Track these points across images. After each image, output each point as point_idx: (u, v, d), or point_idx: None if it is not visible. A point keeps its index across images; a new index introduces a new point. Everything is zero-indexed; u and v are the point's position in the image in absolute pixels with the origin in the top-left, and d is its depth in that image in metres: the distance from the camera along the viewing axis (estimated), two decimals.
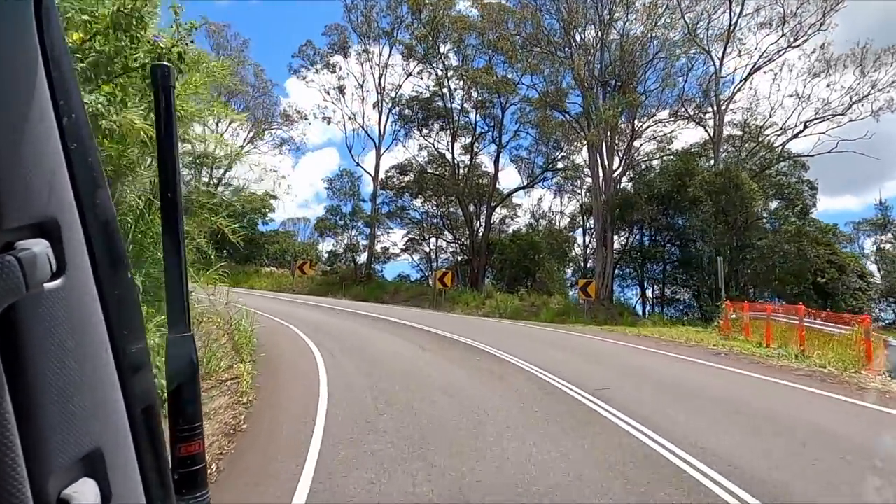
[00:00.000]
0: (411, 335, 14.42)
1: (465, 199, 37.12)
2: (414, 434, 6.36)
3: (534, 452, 5.80)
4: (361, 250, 36.41)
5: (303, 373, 9.86)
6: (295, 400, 8.03)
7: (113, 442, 0.70)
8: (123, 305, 0.75)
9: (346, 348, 12.25)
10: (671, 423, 6.94)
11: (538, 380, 9.45)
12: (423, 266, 49.17)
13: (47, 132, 0.63)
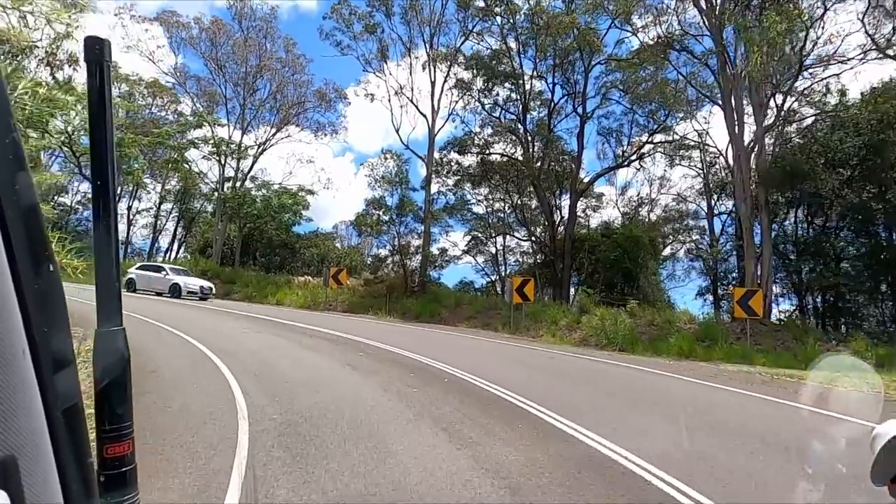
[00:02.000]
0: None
1: (543, 185, 29.13)
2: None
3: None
4: (413, 253, 29.03)
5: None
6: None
7: (29, 448, 0.65)
8: (46, 300, 0.70)
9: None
10: None
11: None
12: (489, 269, 41.72)
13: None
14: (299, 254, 37.29)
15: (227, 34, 34.72)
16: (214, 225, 36.63)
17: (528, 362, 12.61)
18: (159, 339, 11.79)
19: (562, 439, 6.13)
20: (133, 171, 36.26)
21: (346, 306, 26.68)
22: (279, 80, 35.36)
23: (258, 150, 36.06)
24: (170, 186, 43.70)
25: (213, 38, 34.55)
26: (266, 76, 35.50)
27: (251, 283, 30.87)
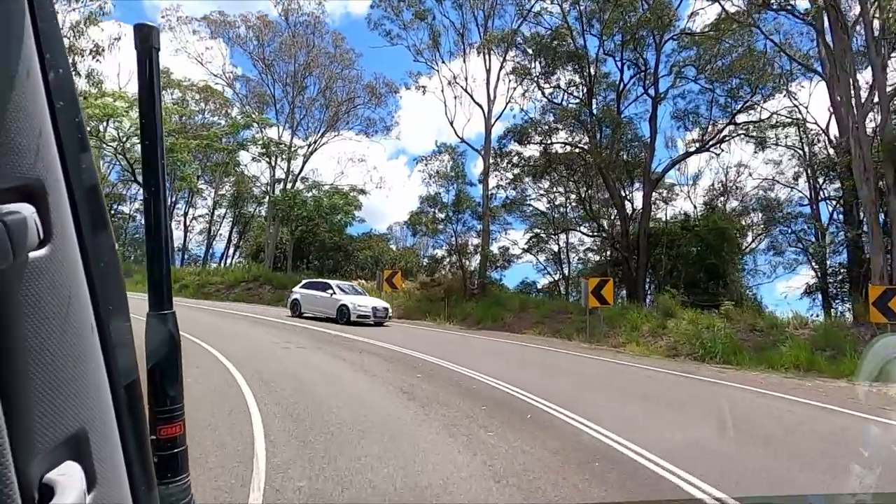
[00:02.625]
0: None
1: (612, 175, 26.44)
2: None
3: None
4: (471, 252, 26.94)
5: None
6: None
7: (98, 423, 0.66)
8: (108, 278, 0.71)
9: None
10: None
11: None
12: (551, 268, 39.13)
13: (34, 88, 0.58)
14: (353, 256, 35.86)
15: (273, 31, 33.73)
16: (266, 228, 35.73)
17: (631, 388, 10.26)
18: (183, 356, 10.19)
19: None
20: (186, 176, 35.88)
21: (402, 311, 24.88)
22: (328, 76, 34.05)
23: (308, 150, 34.94)
24: (224, 191, 43.43)
25: (260, 37, 33.62)
26: (315, 73, 34.28)
27: None
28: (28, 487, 0.54)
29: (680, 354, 16.08)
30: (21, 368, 0.56)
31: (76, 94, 0.67)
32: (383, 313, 19.73)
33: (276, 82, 35.23)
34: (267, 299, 29.39)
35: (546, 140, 26.78)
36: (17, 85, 0.55)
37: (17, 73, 0.55)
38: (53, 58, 0.63)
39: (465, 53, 29.49)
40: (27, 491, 0.54)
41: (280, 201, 32.93)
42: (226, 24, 33.50)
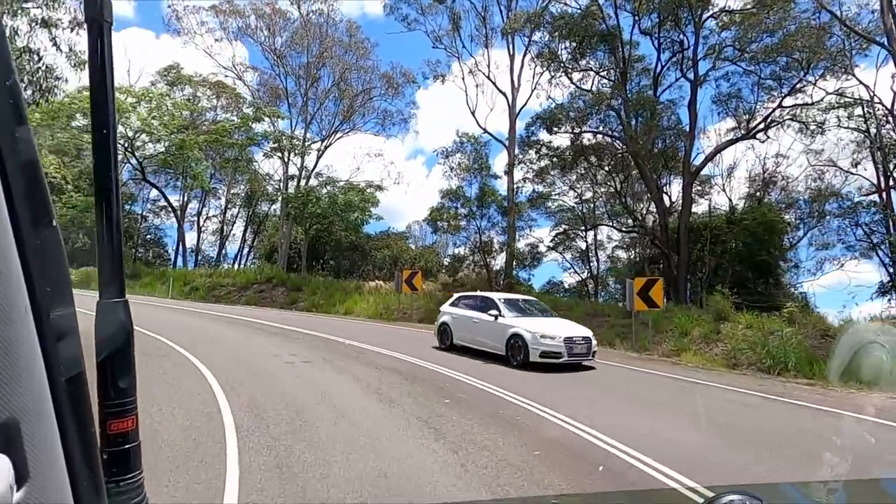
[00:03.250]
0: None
1: (648, 165, 24.31)
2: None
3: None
4: (496, 250, 25.01)
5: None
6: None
7: (32, 414, 0.62)
8: (47, 259, 0.66)
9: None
10: None
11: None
12: (579, 266, 37.07)
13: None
14: (370, 256, 34.14)
15: (284, 19, 32.15)
16: (279, 227, 34.18)
17: (739, 424, 8.30)
18: (165, 380, 8.43)
19: None
20: (197, 174, 34.49)
21: (423, 314, 23.05)
22: (342, 66, 32.35)
23: (322, 145, 33.30)
24: (237, 190, 42.06)
25: (271, 26, 32.05)
26: (328, 64, 32.60)
27: (319, 289, 27.95)
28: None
29: (740, 364, 14.05)
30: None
31: (11, 60, 0.61)
32: (584, 348, 11.81)
33: (288, 75, 33.69)
34: (280, 302, 27.82)
35: (577, 127, 24.66)
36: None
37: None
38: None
39: (488, 38, 27.68)
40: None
41: (293, 198, 31.34)
42: (235, 13, 32.00)
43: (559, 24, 23.94)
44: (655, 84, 25.25)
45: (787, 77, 24.15)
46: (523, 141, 25.00)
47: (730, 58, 24.98)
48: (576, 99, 26.15)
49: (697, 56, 24.78)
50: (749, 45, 24.12)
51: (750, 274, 22.99)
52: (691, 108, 24.71)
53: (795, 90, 24.08)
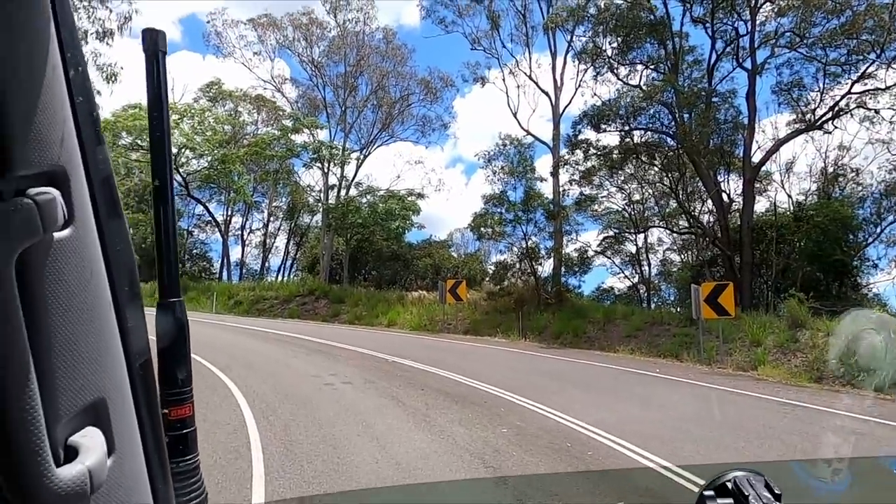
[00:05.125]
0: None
1: (703, 161, 22.77)
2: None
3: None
4: (544, 256, 23.87)
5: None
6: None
7: (115, 394, 0.69)
8: (122, 262, 0.75)
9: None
10: None
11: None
12: (629, 271, 35.49)
13: (59, 84, 0.63)
14: (411, 265, 33.41)
15: (320, 27, 31.93)
16: (320, 239, 33.88)
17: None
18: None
19: None
20: (240, 188, 34.61)
21: (468, 325, 22.15)
22: (380, 74, 31.88)
23: (362, 154, 32.88)
24: (279, 203, 42.14)
25: (308, 37, 31.88)
26: (366, 72, 32.20)
27: (361, 300, 27.37)
28: (55, 447, 0.58)
29: (824, 377, 12.57)
30: (47, 337, 0.59)
31: (92, 90, 0.72)
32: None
33: (326, 85, 33.47)
34: (323, 314, 27.36)
35: (626, 125, 23.33)
36: (45, 83, 0.60)
37: (43, 72, 0.60)
38: (73, 57, 0.67)
39: (528, 37, 26.71)
40: (54, 450, 0.58)
41: (334, 209, 30.96)
42: (273, 25, 31.98)
43: (604, 17, 22.75)
44: (710, 75, 23.75)
45: (854, 62, 22.28)
46: (569, 141, 23.81)
47: (789, 44, 23.26)
48: (623, 95, 24.85)
49: (754, 43, 23.18)
50: (810, 30, 22.40)
51: (822, 275, 21.14)
52: (750, 99, 23.05)
53: (865, 75, 22.18)
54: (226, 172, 33.57)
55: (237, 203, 38.68)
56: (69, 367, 0.62)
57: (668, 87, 22.57)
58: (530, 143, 24.75)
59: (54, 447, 0.58)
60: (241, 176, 34.37)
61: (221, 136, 34.34)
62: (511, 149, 22.84)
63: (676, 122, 23.15)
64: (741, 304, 20.43)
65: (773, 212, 24.62)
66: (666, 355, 15.36)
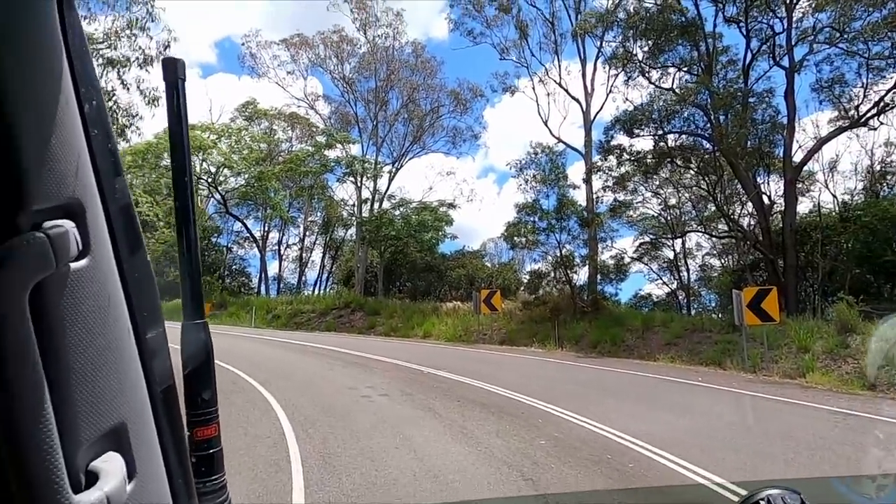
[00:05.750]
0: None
1: (741, 163, 22.21)
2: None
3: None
4: (579, 264, 23.61)
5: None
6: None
7: (136, 419, 0.71)
8: (143, 288, 0.77)
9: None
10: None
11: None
12: (667, 277, 34.77)
13: (72, 118, 0.65)
14: (445, 276, 33.45)
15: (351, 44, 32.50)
16: (355, 252, 34.28)
17: None
18: (235, 420, 7.87)
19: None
20: (276, 204, 35.31)
21: (503, 335, 22.03)
22: (410, 87, 32.22)
23: (394, 167, 33.21)
24: (314, 218, 42.82)
25: (339, 54, 32.49)
26: (396, 87, 32.59)
27: (396, 312, 27.52)
28: (75, 474, 0.59)
29: (878, 385, 12.02)
30: (66, 366, 0.61)
31: (109, 124, 0.74)
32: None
33: (357, 101, 34.01)
34: (359, 327, 27.60)
35: (660, 128, 22.96)
36: (58, 117, 0.62)
37: (56, 107, 0.62)
38: (88, 92, 0.69)
39: (557, 45, 26.64)
40: (74, 477, 0.59)
41: (367, 222, 31.32)
42: (305, 44, 32.72)
43: (634, 21, 22.52)
44: (745, 75, 23.19)
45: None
46: (601, 147, 23.57)
47: (828, 40, 22.56)
48: (656, 99, 24.49)
49: (791, 40, 22.57)
50: (850, 24, 21.69)
51: (872, 277, 20.31)
52: (788, 97, 22.41)
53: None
54: (262, 189, 34.34)
55: (274, 219, 39.47)
56: (88, 395, 0.63)
57: (702, 89, 22.15)
58: (562, 151, 24.60)
59: (75, 474, 0.59)
60: (277, 192, 35.10)
61: (257, 154, 35.17)
62: (542, 157, 22.74)
63: (712, 124, 22.69)
64: (786, 309, 19.76)
65: (818, 212, 23.81)
66: (708, 363, 14.95)
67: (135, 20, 11.81)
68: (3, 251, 0.55)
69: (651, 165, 24.72)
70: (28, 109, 0.58)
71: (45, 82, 0.61)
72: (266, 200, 35.66)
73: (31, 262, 0.56)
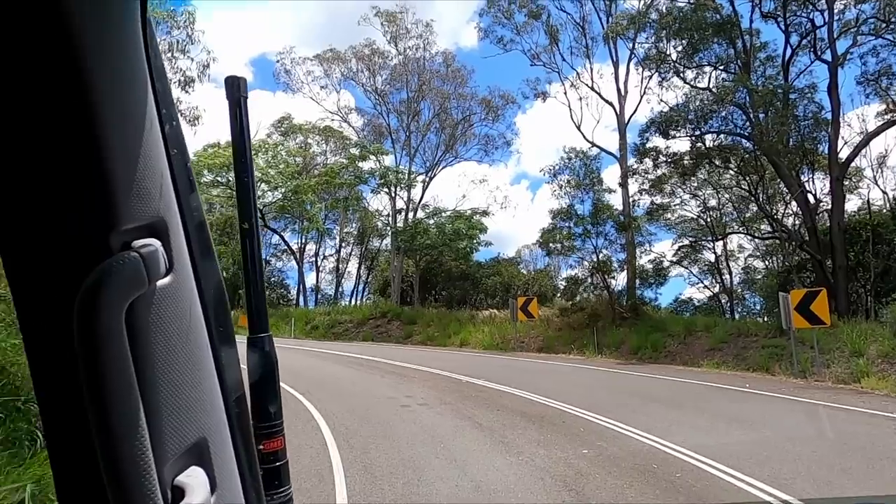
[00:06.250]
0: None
1: (783, 161, 21.52)
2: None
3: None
4: (616, 269, 23.23)
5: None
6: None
7: (215, 433, 0.73)
8: (217, 303, 0.78)
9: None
10: None
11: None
12: (708, 280, 33.94)
13: (156, 140, 0.68)
14: (481, 284, 33.36)
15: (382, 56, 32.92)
16: (391, 262, 34.54)
17: None
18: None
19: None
20: (312, 216, 35.89)
21: (541, 343, 21.81)
22: (442, 97, 32.43)
23: (427, 176, 33.41)
24: (350, 229, 43.35)
25: (371, 66, 32.94)
26: (428, 96, 32.84)
27: (433, 321, 27.57)
28: (163, 488, 0.60)
29: None
30: (153, 381, 0.62)
31: (185, 142, 0.77)
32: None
33: (389, 112, 34.39)
34: (396, 336, 27.73)
35: (698, 128, 22.46)
36: (144, 138, 0.64)
37: (142, 128, 0.64)
38: (168, 112, 0.72)
39: (588, 49, 26.43)
40: (162, 491, 0.60)
41: (402, 232, 31.56)
42: (337, 59, 33.29)
43: (666, 21, 22.17)
44: (785, 71, 22.55)
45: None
46: (636, 150, 23.20)
47: (873, 31, 21.75)
48: (692, 99, 24.00)
49: (833, 33, 21.85)
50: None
51: None
52: (832, 92, 21.68)
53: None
54: (299, 202, 34.94)
55: (310, 231, 40.09)
56: (173, 410, 0.64)
57: (740, 87, 21.62)
58: (596, 155, 24.34)
59: (163, 488, 0.60)
60: (313, 205, 35.66)
61: (293, 168, 35.85)
62: (576, 162, 22.52)
63: (751, 122, 22.11)
64: (836, 312, 19.02)
65: (868, 210, 22.88)
66: (755, 369, 14.47)
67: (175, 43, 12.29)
68: (102, 271, 0.56)
69: (688, 167, 24.22)
70: (117, 133, 0.60)
71: (133, 106, 0.63)
72: (303, 213, 36.28)
73: (128, 281, 0.57)
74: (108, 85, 0.59)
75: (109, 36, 0.61)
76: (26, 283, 0.62)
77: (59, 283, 0.60)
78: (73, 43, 0.57)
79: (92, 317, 0.55)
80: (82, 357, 0.55)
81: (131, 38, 0.64)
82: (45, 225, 0.61)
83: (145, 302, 0.61)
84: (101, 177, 0.59)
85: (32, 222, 0.61)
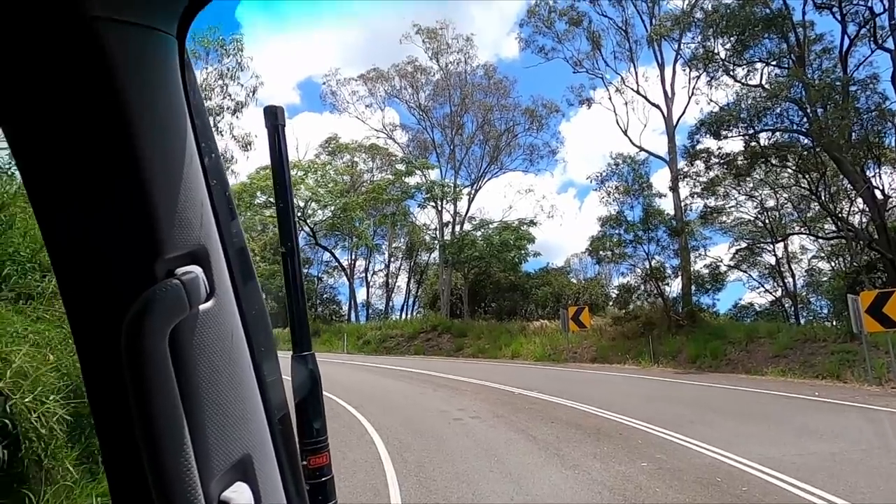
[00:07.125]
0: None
1: (848, 156, 20.47)
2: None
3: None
4: (671, 276, 22.58)
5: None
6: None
7: (259, 449, 0.75)
8: (259, 324, 0.81)
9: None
10: None
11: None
12: (769, 284, 32.51)
13: (195, 172, 0.72)
14: (530, 294, 33.02)
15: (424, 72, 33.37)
16: (439, 275, 34.69)
17: None
18: (333, 445, 8.10)
19: None
20: (361, 233, 36.50)
21: (594, 353, 21.36)
22: (485, 109, 32.55)
23: (473, 189, 33.51)
24: (398, 244, 43.83)
25: (414, 83, 33.43)
26: (471, 110, 33.03)
27: (483, 333, 27.45)
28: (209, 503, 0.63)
29: None
30: (198, 401, 0.65)
31: (225, 172, 0.80)
32: None
33: (434, 127, 34.74)
34: (446, 349, 27.73)
35: (751, 127, 21.68)
36: (185, 172, 0.68)
37: (183, 162, 0.68)
38: (207, 146, 0.76)
39: (632, 52, 26.01)
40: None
41: (450, 245, 31.67)
42: (381, 78, 33.95)
43: (713, 19, 21.59)
44: (843, 63, 21.53)
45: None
46: (686, 152, 22.57)
47: None
48: (743, 97, 23.20)
49: (895, 20, 20.74)
50: None
51: None
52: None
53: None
54: (348, 219, 35.61)
55: (360, 247, 40.73)
56: (218, 428, 0.67)
57: (795, 82, 20.79)
58: (644, 160, 23.84)
59: (209, 503, 0.63)
60: (361, 221, 36.28)
61: (342, 187, 36.61)
62: (624, 167, 22.12)
63: (809, 118, 21.19)
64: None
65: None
66: (824, 376, 13.73)
67: (226, 70, 12.86)
68: (147, 299, 0.60)
69: (743, 167, 23.34)
70: (159, 167, 0.64)
71: (174, 141, 0.67)
72: (352, 230, 36.95)
73: (170, 307, 0.61)
74: (149, 124, 0.63)
75: (150, 79, 0.65)
76: (81, 310, 0.67)
77: (109, 309, 0.63)
78: (116, 86, 0.61)
79: (137, 341, 0.59)
80: (129, 379, 0.59)
81: (171, 80, 0.68)
82: (96, 255, 0.65)
83: (189, 325, 0.64)
84: (145, 210, 0.63)
85: (85, 253, 0.65)
